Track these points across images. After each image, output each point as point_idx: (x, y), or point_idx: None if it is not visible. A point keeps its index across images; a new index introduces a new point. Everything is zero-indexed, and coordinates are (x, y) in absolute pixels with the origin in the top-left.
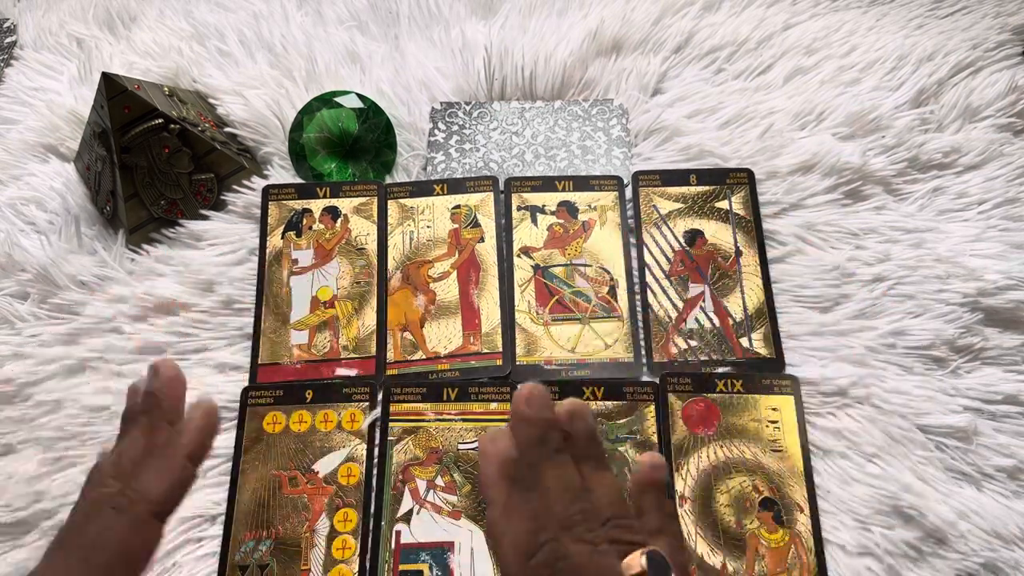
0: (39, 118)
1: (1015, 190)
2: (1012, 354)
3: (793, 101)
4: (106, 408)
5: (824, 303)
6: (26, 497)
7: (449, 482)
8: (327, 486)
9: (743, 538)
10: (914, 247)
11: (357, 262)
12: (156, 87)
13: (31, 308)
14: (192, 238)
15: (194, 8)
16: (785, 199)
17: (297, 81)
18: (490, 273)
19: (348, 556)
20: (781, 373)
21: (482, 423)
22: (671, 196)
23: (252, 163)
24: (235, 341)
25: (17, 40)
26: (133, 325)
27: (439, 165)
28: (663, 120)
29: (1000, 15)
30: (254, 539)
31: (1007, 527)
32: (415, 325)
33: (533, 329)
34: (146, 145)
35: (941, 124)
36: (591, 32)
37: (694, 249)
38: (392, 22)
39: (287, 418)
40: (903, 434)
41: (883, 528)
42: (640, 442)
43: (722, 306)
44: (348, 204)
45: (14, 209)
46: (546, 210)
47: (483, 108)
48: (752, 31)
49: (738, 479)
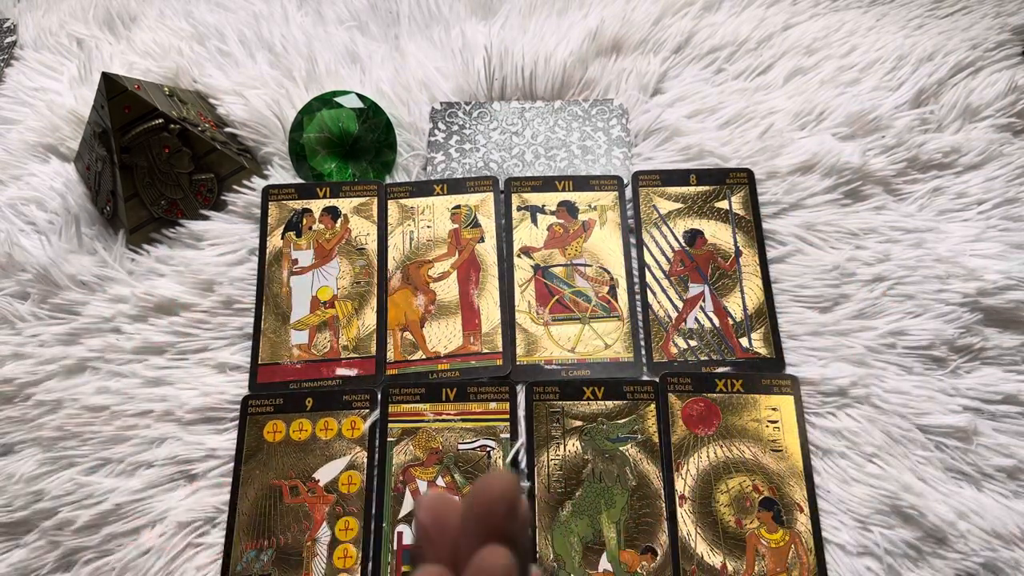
0: (39, 118)
1: (1015, 190)
2: (1012, 354)
3: (793, 101)
4: (106, 408)
5: (824, 303)
6: (26, 497)
7: (450, 483)
8: (328, 495)
9: (743, 538)
10: (914, 247)
11: (357, 262)
12: (156, 87)
13: (31, 308)
14: (192, 238)
15: (194, 8)
16: (785, 199)
17: (297, 81)
18: (490, 273)
19: (350, 565)
20: (781, 373)
21: (482, 423)
22: (671, 196)
23: (252, 163)
24: (235, 341)
25: (17, 40)
26: (133, 325)
27: (439, 165)
28: (663, 120)
29: (1000, 15)
30: (255, 549)
31: (1007, 527)
32: (415, 325)
33: (533, 329)
34: (146, 145)
35: (941, 124)
36: (591, 32)
37: (694, 249)
38: (392, 22)
39: (287, 427)
40: (903, 434)
41: (883, 528)
42: (642, 442)
43: (722, 306)
44: (348, 204)
45: (14, 209)
46: (546, 210)
47: (483, 108)
48: (752, 31)
49: (738, 479)
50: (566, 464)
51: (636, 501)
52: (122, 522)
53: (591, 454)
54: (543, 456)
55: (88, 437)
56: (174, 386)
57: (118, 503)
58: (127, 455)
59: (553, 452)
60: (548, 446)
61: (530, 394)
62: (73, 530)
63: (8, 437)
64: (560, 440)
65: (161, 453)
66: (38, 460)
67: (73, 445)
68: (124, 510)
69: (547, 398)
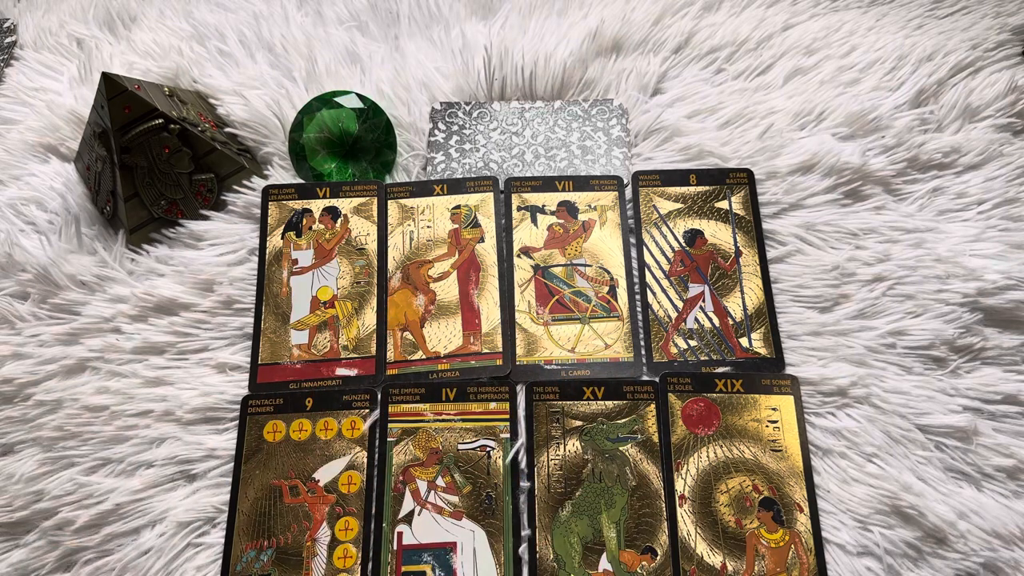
0: (39, 118)
1: (1015, 190)
2: (1012, 354)
3: (793, 101)
4: (106, 408)
5: (824, 303)
6: (26, 497)
7: (450, 483)
8: (328, 495)
9: (743, 538)
10: (914, 247)
11: (357, 262)
12: (156, 87)
13: (31, 308)
14: (192, 238)
15: (194, 8)
16: (785, 199)
17: (297, 81)
18: (490, 273)
19: (350, 565)
20: (781, 373)
21: (481, 423)
22: (671, 196)
23: (252, 163)
24: (235, 341)
25: (17, 40)
26: (133, 325)
27: (439, 165)
28: (663, 120)
29: (1000, 15)
30: (255, 549)
31: (1007, 527)
32: (415, 325)
33: (533, 329)
34: (146, 145)
35: (941, 124)
36: (591, 32)
37: (694, 249)
38: (392, 22)
39: (287, 427)
40: (903, 434)
41: (883, 528)
42: (642, 442)
43: (722, 306)
44: (348, 204)
45: (14, 209)
46: (546, 210)
47: (483, 108)
48: (752, 31)
49: (738, 479)
50: (566, 464)
51: (636, 501)
52: (122, 522)
53: (591, 454)
54: (543, 456)
55: (88, 437)
56: (174, 386)
57: (118, 503)
58: (127, 455)
59: (553, 452)
60: (548, 446)
61: (530, 394)
62: (73, 530)
63: (8, 437)
64: (560, 440)
65: (161, 453)
66: (38, 460)
67: (73, 445)
68: (124, 510)
69: (547, 398)
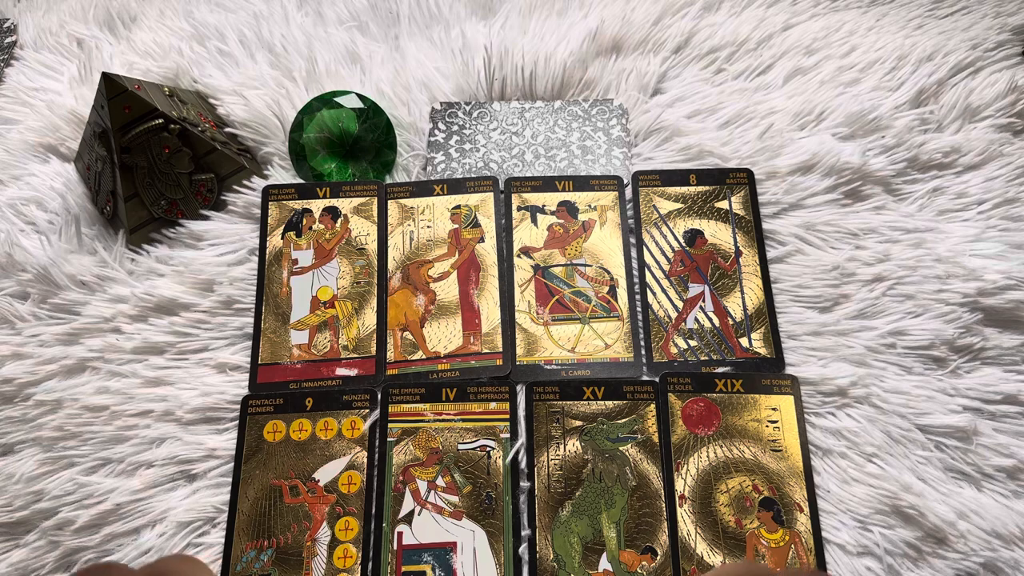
0: (39, 118)
1: (1015, 190)
2: (1012, 354)
3: (793, 101)
4: (106, 408)
5: (824, 303)
6: (26, 497)
7: (450, 483)
8: (328, 495)
9: (743, 538)
10: (914, 247)
11: (357, 262)
12: (156, 87)
13: (31, 308)
14: (192, 238)
15: (194, 8)
16: (785, 199)
17: (297, 81)
18: (490, 273)
19: (350, 565)
20: (781, 373)
21: (481, 423)
22: (671, 196)
23: (252, 163)
24: (235, 341)
25: (17, 40)
26: (133, 325)
27: (439, 165)
28: (663, 120)
29: (1000, 15)
30: (255, 549)
31: (1007, 527)
32: (415, 325)
33: (533, 329)
34: (146, 145)
35: (941, 124)
36: (591, 32)
37: (694, 249)
38: (392, 22)
39: (287, 427)
40: (903, 434)
41: (883, 528)
42: (642, 442)
43: (722, 306)
44: (348, 204)
45: (14, 209)
46: (546, 210)
47: (483, 108)
48: (752, 31)
49: (738, 479)
50: (566, 464)
51: (636, 501)
52: (122, 522)
53: (591, 454)
54: (543, 456)
55: (88, 437)
56: (174, 386)
57: (118, 503)
58: (127, 455)
59: (553, 452)
60: (548, 446)
61: (530, 394)
62: (73, 530)
63: (8, 437)
64: (560, 440)
65: (161, 453)
66: (38, 460)
67: (73, 445)
68: (124, 510)
69: (547, 398)
